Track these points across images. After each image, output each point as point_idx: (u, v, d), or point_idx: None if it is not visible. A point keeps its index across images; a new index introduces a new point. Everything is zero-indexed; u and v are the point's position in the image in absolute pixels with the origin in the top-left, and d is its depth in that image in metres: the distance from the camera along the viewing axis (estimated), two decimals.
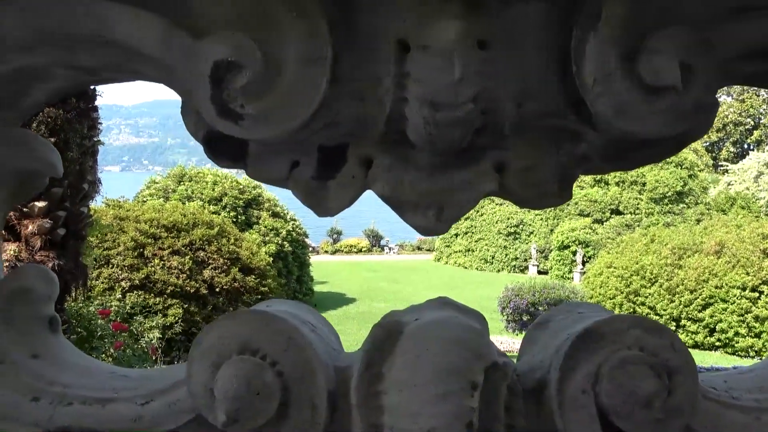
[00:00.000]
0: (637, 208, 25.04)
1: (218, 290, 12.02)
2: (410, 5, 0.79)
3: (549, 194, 0.87)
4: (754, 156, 31.02)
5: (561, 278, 21.60)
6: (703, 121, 0.83)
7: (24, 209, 6.25)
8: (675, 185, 25.08)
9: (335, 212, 0.88)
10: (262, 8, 0.80)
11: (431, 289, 19.14)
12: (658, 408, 0.79)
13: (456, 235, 27.29)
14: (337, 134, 0.87)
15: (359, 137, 0.87)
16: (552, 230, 25.50)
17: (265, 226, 16.92)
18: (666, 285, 15.21)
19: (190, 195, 16.95)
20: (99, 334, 7.13)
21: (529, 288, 14.81)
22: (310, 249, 21.70)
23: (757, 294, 14.23)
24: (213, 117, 0.81)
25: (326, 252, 30.17)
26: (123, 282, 10.89)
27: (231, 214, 16.44)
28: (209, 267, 12.15)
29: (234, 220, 15.91)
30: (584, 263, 22.39)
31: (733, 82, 0.91)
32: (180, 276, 11.54)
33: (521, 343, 1.03)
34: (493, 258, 26.53)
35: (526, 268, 25.41)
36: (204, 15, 0.83)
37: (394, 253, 31.35)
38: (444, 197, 0.85)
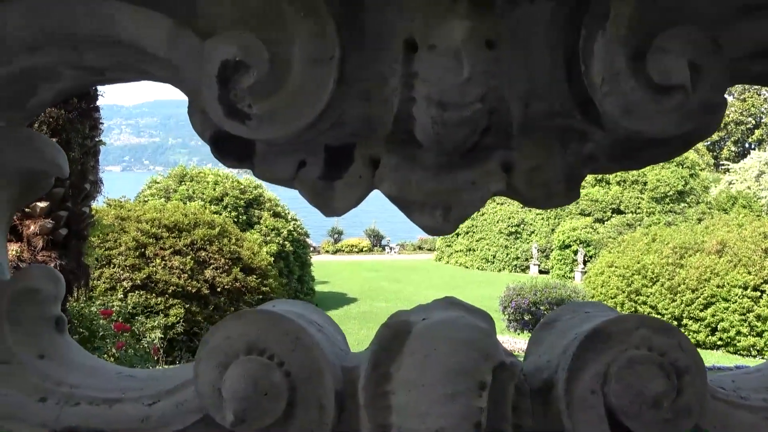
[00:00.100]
0: (639, 208, 25.03)
1: (220, 290, 12.03)
2: (417, 5, 0.79)
3: (556, 194, 0.86)
4: (756, 155, 31.00)
5: (562, 278, 21.60)
6: (711, 121, 0.83)
7: (26, 209, 6.26)
8: (676, 184, 25.07)
9: (342, 212, 0.88)
10: (270, 8, 0.80)
11: (432, 289, 19.15)
12: (667, 408, 0.79)
13: (457, 235, 27.28)
14: (344, 134, 0.86)
15: (366, 137, 0.86)
16: (553, 230, 25.49)
17: (267, 226, 16.92)
18: (667, 284, 15.20)
19: (192, 195, 16.96)
20: (101, 335, 7.14)
21: (531, 287, 14.81)
22: (312, 249, 21.71)
23: (759, 293, 14.22)
24: (220, 117, 0.81)
25: (327, 252, 30.17)
26: (124, 282, 10.90)
27: (232, 214, 16.45)
28: (210, 267, 12.16)
29: (235, 220, 15.92)
30: (585, 263, 22.38)
31: (741, 82, 0.91)
32: (181, 276, 11.55)
33: (528, 344, 1.02)
34: (495, 257, 26.52)
35: (528, 268, 25.40)
36: (211, 15, 0.83)
37: (395, 253, 31.36)
38: (451, 197, 0.85)
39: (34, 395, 0.88)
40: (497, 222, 26.53)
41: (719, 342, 14.45)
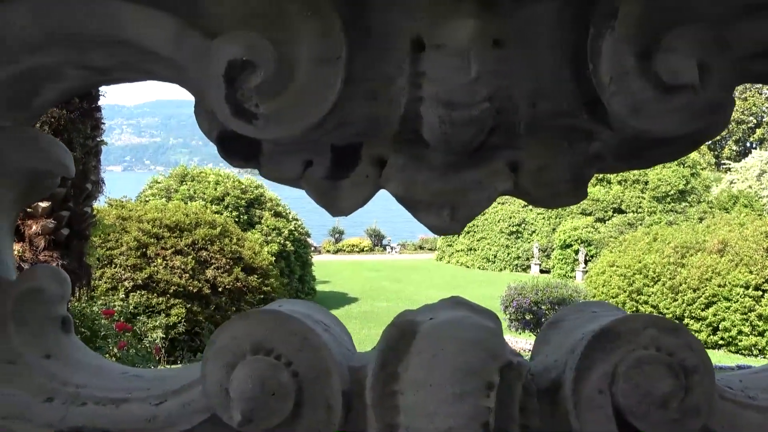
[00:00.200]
0: (640, 207, 25.01)
1: (221, 290, 12.04)
2: (424, 4, 0.78)
3: (563, 193, 0.86)
4: (757, 154, 30.99)
5: (563, 277, 21.58)
6: (719, 120, 0.82)
7: (28, 209, 6.27)
8: (677, 184, 25.04)
9: (348, 212, 0.88)
10: (276, 7, 0.80)
11: (434, 289, 19.14)
12: (675, 408, 0.79)
13: (458, 235, 27.27)
14: (350, 134, 0.86)
15: (372, 137, 0.86)
16: (554, 229, 25.47)
17: (268, 226, 16.93)
18: (669, 284, 15.19)
19: (193, 195, 16.97)
20: (102, 334, 7.14)
21: (532, 287, 14.80)
22: (312, 248, 21.72)
23: (761, 292, 14.21)
24: (227, 117, 0.81)
25: (328, 251, 30.18)
26: (126, 282, 10.91)
27: (233, 214, 16.46)
28: (212, 267, 12.17)
29: (236, 220, 15.93)
30: (587, 262, 22.37)
31: (747, 81, 0.91)
32: (183, 276, 11.56)
33: (534, 343, 1.02)
34: (496, 257, 26.51)
35: (529, 267, 25.39)
36: (216, 14, 0.82)
37: (396, 253, 31.35)
38: (458, 197, 0.85)
39: (41, 395, 0.88)
40: (498, 221, 26.52)
41: (721, 341, 14.44)
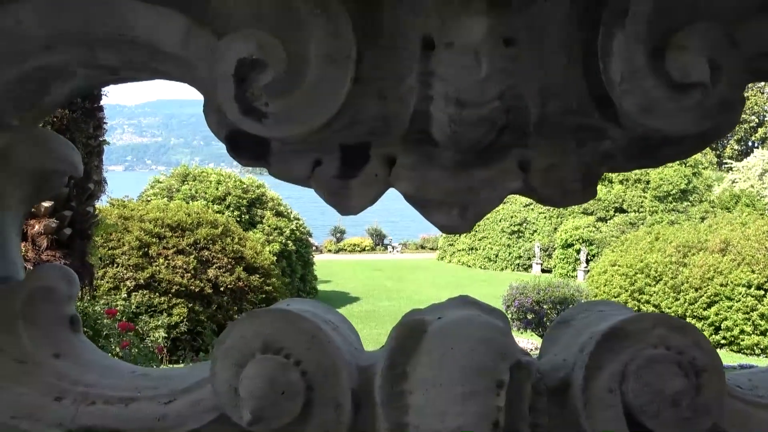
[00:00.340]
0: (641, 206, 24.99)
1: (223, 289, 12.03)
2: (435, 3, 0.78)
3: (573, 192, 0.86)
4: (759, 153, 30.94)
5: (565, 276, 21.57)
6: (729, 119, 0.82)
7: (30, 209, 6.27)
8: (679, 183, 25.01)
9: (358, 211, 0.88)
10: (285, 6, 0.80)
11: (435, 288, 19.13)
12: (686, 406, 0.79)
13: (459, 234, 27.26)
14: (360, 133, 0.86)
15: (382, 136, 0.86)
16: (556, 229, 25.45)
17: (269, 225, 16.93)
18: (671, 283, 15.18)
19: (194, 194, 16.97)
20: (105, 334, 7.15)
21: (534, 286, 14.78)
22: (314, 248, 21.72)
23: (763, 292, 14.19)
24: (237, 115, 0.81)
25: (330, 251, 30.18)
26: (128, 281, 10.91)
27: (235, 214, 16.46)
28: (213, 266, 12.17)
29: (238, 220, 15.94)
30: (588, 261, 22.35)
31: (758, 79, 0.90)
32: (185, 275, 11.56)
33: (542, 343, 1.02)
34: (497, 256, 26.50)
35: (530, 267, 25.37)
36: (226, 13, 0.82)
37: (398, 252, 31.35)
38: (468, 196, 0.85)
39: (50, 394, 0.88)
40: (500, 221, 26.50)
41: (723, 341, 14.43)
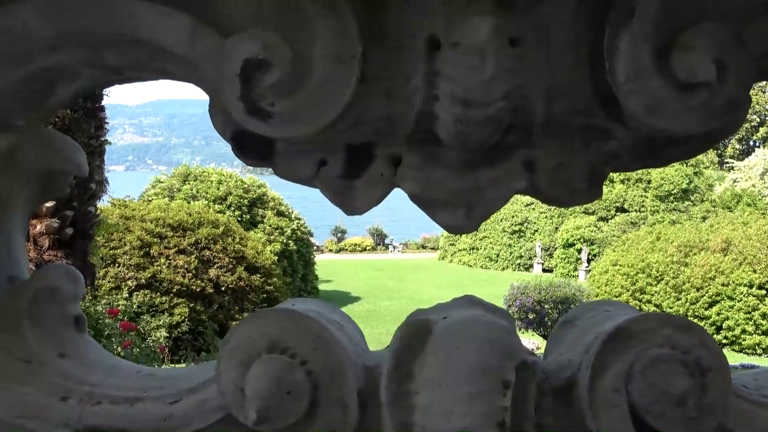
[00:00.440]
0: (642, 206, 24.97)
1: (224, 289, 12.05)
2: (440, 2, 0.78)
3: (578, 192, 0.86)
4: (760, 153, 30.92)
5: (566, 276, 21.56)
6: (735, 119, 0.82)
7: None
8: (680, 183, 24.99)
9: (363, 211, 0.88)
10: (291, 6, 0.80)
11: (436, 288, 19.13)
12: (692, 406, 0.79)
13: (460, 234, 27.24)
14: (365, 132, 0.86)
15: (387, 136, 0.86)
16: (557, 228, 25.45)
17: (270, 225, 16.95)
18: (672, 283, 15.17)
19: (195, 194, 16.99)
20: (106, 333, 7.15)
21: (535, 286, 14.76)
22: (315, 248, 21.73)
23: (764, 291, 14.19)
24: (242, 115, 0.81)
25: (331, 251, 30.20)
26: (129, 281, 10.93)
27: (236, 213, 16.48)
28: (215, 266, 12.18)
29: (239, 219, 15.95)
30: (589, 261, 22.34)
31: (765, 79, 0.90)
32: (186, 275, 11.57)
33: (547, 342, 1.02)
34: (498, 256, 26.50)
35: (531, 267, 25.37)
36: (232, 13, 0.82)
37: (399, 252, 31.35)
38: (473, 195, 0.85)
39: (56, 394, 0.88)
40: (501, 220, 26.50)
41: (724, 341, 14.42)
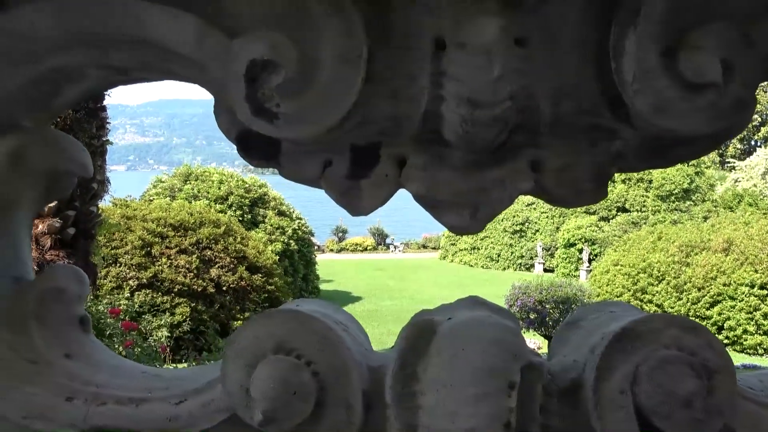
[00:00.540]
0: (644, 206, 24.96)
1: (225, 289, 12.06)
2: (447, 3, 0.78)
3: (584, 192, 0.86)
4: (762, 152, 30.89)
5: (567, 276, 21.55)
6: (742, 119, 0.82)
7: None
8: (681, 182, 24.98)
9: (368, 211, 0.88)
10: (297, 6, 0.80)
11: (437, 288, 19.12)
12: (699, 408, 0.79)
13: (461, 234, 27.23)
14: (370, 133, 0.86)
15: (393, 136, 0.86)
16: (558, 228, 25.44)
17: (271, 225, 16.96)
18: (673, 283, 15.16)
19: (197, 194, 17.01)
20: (108, 333, 7.16)
21: (536, 286, 14.75)
22: (316, 247, 21.75)
23: (766, 291, 14.18)
24: (248, 116, 0.81)
25: (332, 250, 30.21)
26: (131, 281, 10.94)
27: (237, 213, 16.49)
28: (216, 266, 12.20)
29: (240, 219, 15.96)
30: (590, 261, 22.33)
31: (765, 79, 0.90)
32: (187, 275, 11.58)
33: (551, 343, 1.02)
34: (499, 256, 26.49)
35: (532, 266, 25.36)
36: (238, 13, 0.82)
37: (400, 252, 31.36)
38: (479, 196, 0.85)
39: (62, 395, 0.88)
40: (502, 220, 26.49)
41: (726, 341, 14.40)
